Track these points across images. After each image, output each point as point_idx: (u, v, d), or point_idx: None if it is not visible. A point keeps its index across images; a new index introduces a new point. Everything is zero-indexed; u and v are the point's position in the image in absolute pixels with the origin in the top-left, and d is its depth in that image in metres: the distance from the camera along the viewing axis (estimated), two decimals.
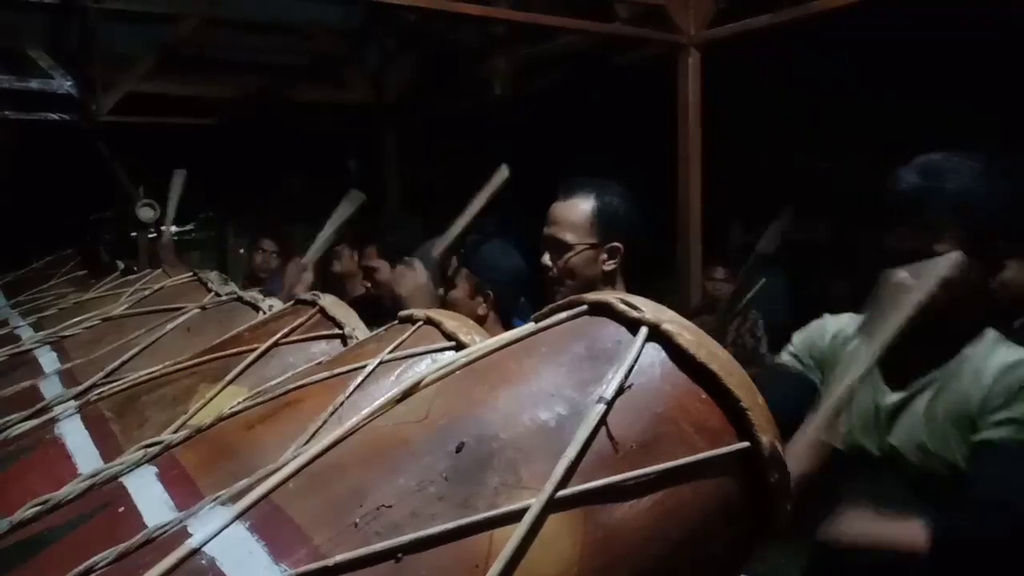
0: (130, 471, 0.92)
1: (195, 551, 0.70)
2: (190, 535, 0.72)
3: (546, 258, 1.83)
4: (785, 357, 1.58)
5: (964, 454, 1.32)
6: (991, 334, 1.39)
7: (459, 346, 1.03)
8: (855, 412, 1.44)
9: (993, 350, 1.36)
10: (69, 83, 3.62)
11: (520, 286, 2.11)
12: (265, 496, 0.75)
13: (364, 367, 0.99)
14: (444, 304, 2.08)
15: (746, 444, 0.80)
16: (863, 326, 1.36)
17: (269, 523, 0.72)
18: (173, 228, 3.28)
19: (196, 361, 1.25)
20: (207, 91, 4.45)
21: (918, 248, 1.30)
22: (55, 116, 3.67)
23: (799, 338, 1.57)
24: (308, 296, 1.38)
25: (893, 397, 1.41)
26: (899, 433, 1.39)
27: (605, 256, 1.79)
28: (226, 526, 0.72)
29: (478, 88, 4.45)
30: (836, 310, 1.58)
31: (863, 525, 1.27)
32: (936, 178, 1.31)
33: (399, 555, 0.67)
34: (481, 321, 2.01)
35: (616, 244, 1.78)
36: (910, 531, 1.24)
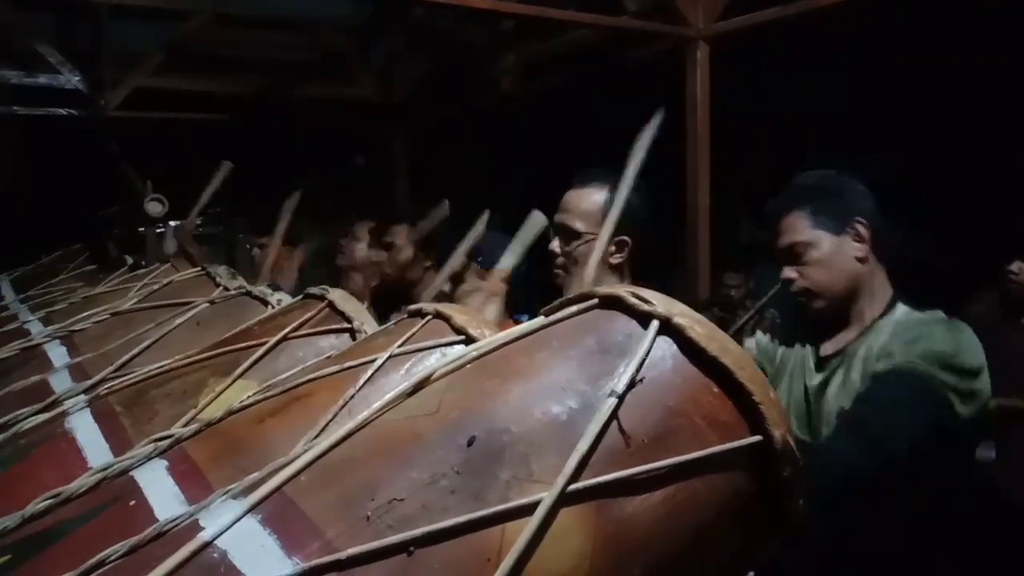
0: (141, 465, 0.92)
1: (207, 544, 0.69)
2: (202, 528, 0.72)
3: (555, 244, 1.83)
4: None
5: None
6: (901, 308, 1.52)
7: (469, 340, 1.03)
8: (792, 398, 1.59)
9: (900, 319, 1.50)
10: (77, 79, 3.63)
11: (525, 280, 2.11)
12: (277, 489, 0.75)
13: (374, 361, 0.99)
14: (453, 299, 2.07)
15: (758, 438, 0.80)
16: None
17: (281, 516, 0.72)
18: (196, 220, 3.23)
19: (206, 355, 1.25)
20: (215, 87, 4.46)
21: (781, 246, 1.56)
22: (63, 112, 3.68)
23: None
24: (317, 290, 1.38)
25: (817, 377, 1.56)
26: (826, 407, 1.51)
27: (613, 248, 1.78)
28: (238, 519, 0.72)
29: (487, 85, 4.44)
30: None
31: None
32: (788, 189, 1.60)
33: (411, 548, 0.66)
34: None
35: (625, 238, 1.78)
36: None
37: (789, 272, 1.54)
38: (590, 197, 1.80)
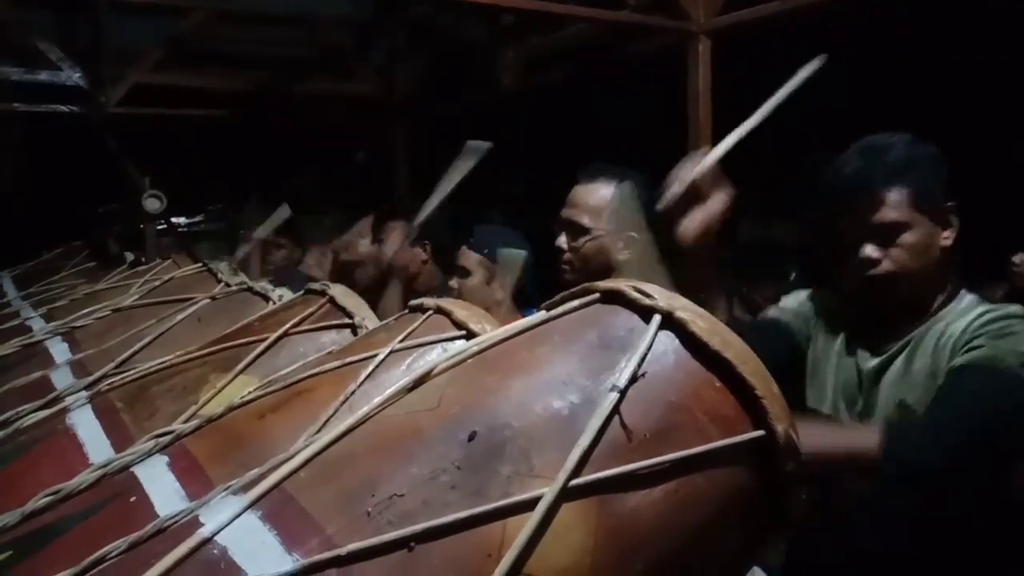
0: (141, 461, 0.92)
1: (207, 540, 0.69)
2: (202, 524, 0.71)
3: (561, 240, 1.83)
4: (773, 312, 1.64)
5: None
6: (968, 296, 1.44)
7: (469, 335, 1.03)
8: (838, 380, 1.49)
9: (969, 308, 1.41)
10: (78, 75, 3.62)
11: (532, 274, 2.11)
12: (277, 485, 0.74)
13: (375, 356, 0.99)
14: (459, 294, 2.07)
15: (761, 433, 0.80)
16: None
17: (281, 512, 0.71)
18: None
19: (206, 351, 1.25)
20: (215, 83, 4.45)
21: (869, 222, 1.38)
22: (64, 108, 3.68)
23: (793, 299, 1.64)
24: (318, 286, 1.38)
25: (873, 361, 1.46)
26: (881, 394, 1.43)
27: (620, 245, 1.78)
28: (238, 515, 0.71)
29: (487, 81, 4.42)
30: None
31: (815, 439, 1.29)
32: (875, 154, 1.42)
33: (412, 544, 0.66)
34: (497, 307, 2.01)
35: (633, 234, 1.77)
36: (862, 438, 1.28)
37: (873, 251, 1.38)
38: (597, 192, 1.80)
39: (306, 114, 4.95)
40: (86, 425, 1.09)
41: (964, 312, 1.40)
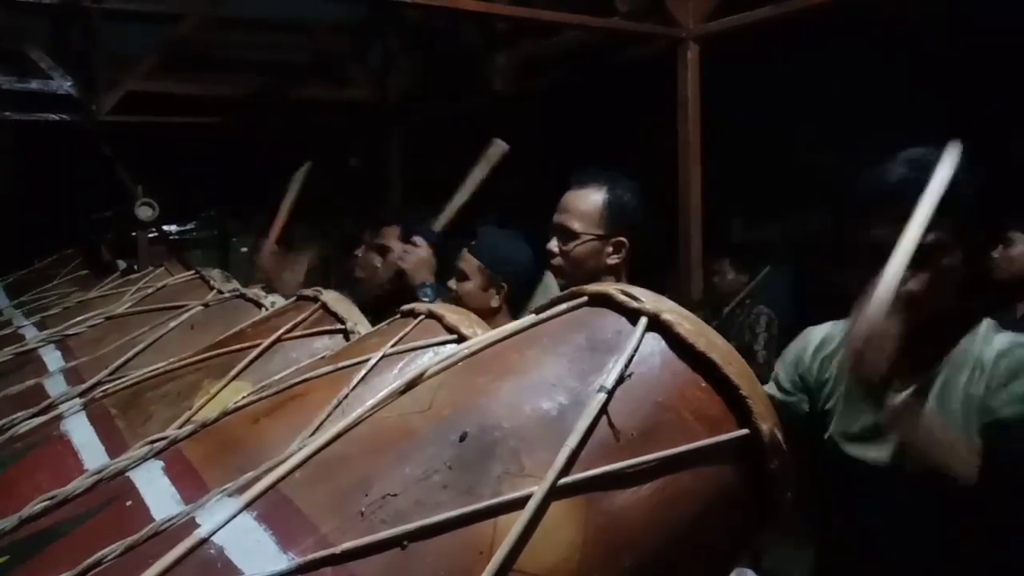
0: (136, 466, 0.93)
1: (203, 541, 0.71)
2: (198, 526, 0.73)
3: (553, 244, 1.84)
4: (770, 390, 1.52)
5: (977, 439, 1.32)
6: (986, 323, 1.39)
7: (460, 339, 1.04)
8: (858, 420, 1.42)
9: (990, 338, 1.36)
10: (69, 83, 3.62)
11: (532, 280, 2.11)
12: (272, 487, 0.76)
13: (367, 360, 1.00)
14: (456, 297, 2.07)
15: (745, 432, 0.81)
16: None
17: (276, 513, 0.73)
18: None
19: (200, 357, 1.26)
20: (209, 90, 4.45)
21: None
22: (55, 116, 3.68)
23: (782, 366, 1.55)
24: (310, 292, 1.39)
25: (898, 398, 1.35)
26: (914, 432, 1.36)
27: (610, 249, 1.79)
28: (233, 516, 0.73)
29: (481, 85, 4.45)
30: (839, 301, 1.56)
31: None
32: (923, 170, 1.29)
33: (405, 542, 0.68)
34: (494, 314, 2.01)
35: (622, 239, 1.79)
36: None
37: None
38: (588, 197, 1.81)
39: (301, 119, 4.96)
40: (81, 431, 1.10)
41: (985, 341, 1.35)
